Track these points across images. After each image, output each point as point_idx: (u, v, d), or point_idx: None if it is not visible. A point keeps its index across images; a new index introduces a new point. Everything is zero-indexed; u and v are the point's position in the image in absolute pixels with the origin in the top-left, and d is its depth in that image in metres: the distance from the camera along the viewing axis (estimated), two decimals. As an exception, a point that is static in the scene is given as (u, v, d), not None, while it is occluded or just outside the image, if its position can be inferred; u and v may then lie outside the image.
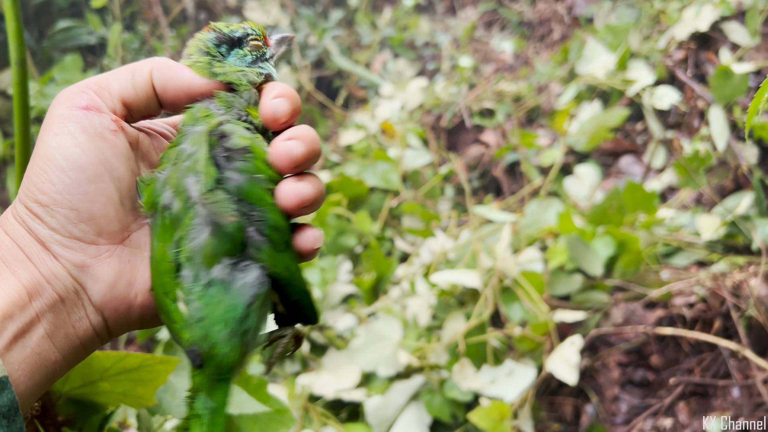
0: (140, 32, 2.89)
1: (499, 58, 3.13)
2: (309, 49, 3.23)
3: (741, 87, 1.98)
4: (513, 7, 3.44)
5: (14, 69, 0.76)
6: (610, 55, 2.57)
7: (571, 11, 3.12)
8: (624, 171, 2.37)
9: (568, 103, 2.51)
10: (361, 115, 2.80)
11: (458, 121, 2.66)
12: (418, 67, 3.32)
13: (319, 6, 3.65)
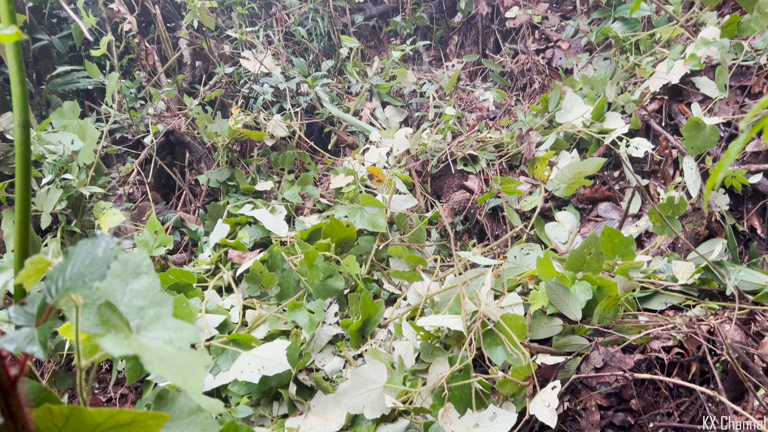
0: (138, 79, 2.98)
1: (482, 106, 3.25)
2: (301, 96, 3.33)
3: (712, 138, 2.08)
4: (495, 58, 3.59)
5: (17, 130, 0.82)
6: (588, 106, 2.68)
7: (551, 63, 3.26)
8: (602, 216, 2.46)
9: (547, 151, 2.61)
10: (350, 160, 2.88)
11: (443, 167, 2.74)
12: (406, 115, 3.43)
13: (310, 54, 3.78)
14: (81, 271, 0.61)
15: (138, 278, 0.80)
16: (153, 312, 0.68)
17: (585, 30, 3.21)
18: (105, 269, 0.61)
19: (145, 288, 0.78)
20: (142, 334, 0.63)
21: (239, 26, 3.39)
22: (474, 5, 3.82)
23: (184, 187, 2.79)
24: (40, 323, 0.59)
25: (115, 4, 2.73)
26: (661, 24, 2.84)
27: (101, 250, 0.64)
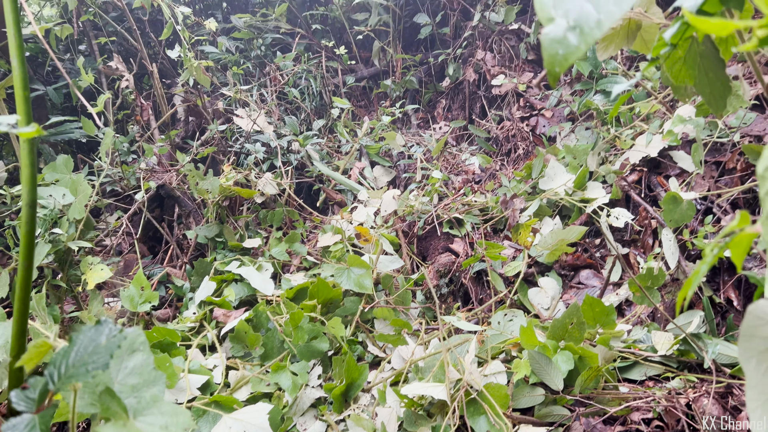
0: (131, 133, 3.03)
1: (468, 169, 3.33)
2: (292, 154, 3.40)
3: (689, 213, 2.16)
4: (481, 123, 3.70)
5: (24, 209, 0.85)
6: (570, 174, 2.77)
7: (535, 130, 3.37)
8: (584, 284, 2.51)
9: (531, 217, 2.68)
10: (338, 218, 2.93)
11: (430, 229, 2.80)
12: (394, 175, 3.51)
13: (302, 113, 3.87)
14: (84, 359, 0.64)
15: (132, 355, 0.82)
16: (149, 394, 0.70)
17: (568, 100, 3.34)
18: (108, 358, 0.64)
19: (139, 365, 0.80)
20: (139, 419, 0.65)
21: (233, 85, 3.48)
22: (462, 71, 3.96)
23: (171, 242, 2.81)
24: (42, 409, 0.61)
25: (114, 62, 2.80)
26: (640, 98, 2.98)
27: (104, 337, 0.67)
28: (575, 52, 0.57)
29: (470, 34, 3.87)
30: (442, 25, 4.18)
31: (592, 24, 0.56)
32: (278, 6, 4.04)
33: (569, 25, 0.57)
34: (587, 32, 0.56)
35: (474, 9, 3.93)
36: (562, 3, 0.59)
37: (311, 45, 4.47)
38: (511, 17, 3.57)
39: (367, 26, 4.17)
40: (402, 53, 4.28)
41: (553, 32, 0.58)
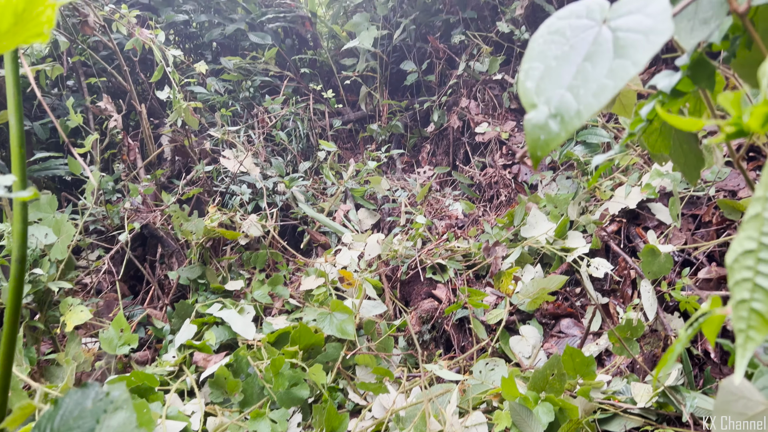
0: (117, 172, 3.04)
1: (451, 214, 3.38)
2: (277, 195, 3.42)
3: (666, 265, 2.21)
4: (465, 169, 3.77)
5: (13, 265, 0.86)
6: (551, 223, 2.82)
7: (517, 178, 3.44)
8: (564, 332, 2.53)
9: (512, 264, 2.72)
10: (321, 261, 2.93)
11: (413, 273, 2.81)
12: (378, 218, 3.54)
13: (289, 155, 3.91)
14: (69, 423, 0.64)
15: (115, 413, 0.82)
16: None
17: (549, 149, 3.42)
18: (94, 423, 0.64)
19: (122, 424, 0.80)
20: (121, 485, 0.65)
21: (221, 125, 3.52)
22: (446, 118, 4.05)
23: (153, 282, 2.79)
24: (26, 476, 0.61)
25: (104, 102, 2.83)
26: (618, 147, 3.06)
27: (90, 401, 0.67)
28: (556, 138, 0.60)
29: (455, 82, 3.97)
30: (428, 73, 4.28)
31: (572, 113, 0.59)
32: (268, 50, 4.12)
33: (551, 113, 0.60)
34: (567, 121, 0.59)
35: (459, 58, 4.04)
36: (544, 91, 0.62)
37: (299, 88, 4.55)
38: (495, 68, 3.67)
39: (355, 72, 4.26)
40: (388, 99, 4.36)
41: (535, 118, 0.61)
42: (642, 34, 0.58)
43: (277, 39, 4.54)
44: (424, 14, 4.32)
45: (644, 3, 0.61)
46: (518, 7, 3.59)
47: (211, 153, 3.52)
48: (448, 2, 4.15)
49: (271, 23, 4.49)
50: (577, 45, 0.64)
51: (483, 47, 3.73)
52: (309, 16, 4.56)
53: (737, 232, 0.49)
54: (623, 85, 0.56)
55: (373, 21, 4.21)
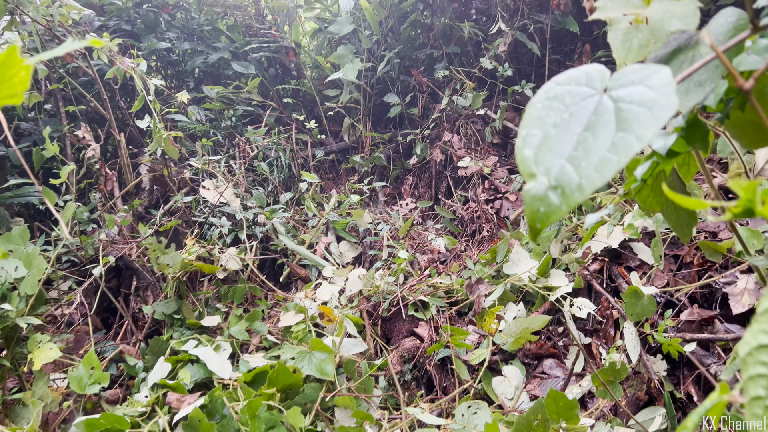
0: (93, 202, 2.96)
1: (433, 248, 3.35)
2: (257, 226, 3.37)
3: (650, 308, 2.20)
4: (447, 203, 3.76)
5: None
6: (534, 261, 2.81)
7: (499, 213, 3.43)
8: (547, 373, 2.50)
9: (495, 302, 2.69)
10: (301, 296, 2.88)
11: (395, 310, 2.77)
12: (359, 251, 3.50)
13: (270, 185, 3.87)
14: None
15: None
16: None
17: (531, 185, 3.43)
18: None
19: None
20: None
21: (202, 155, 3.47)
22: (429, 151, 4.05)
23: (126, 317, 2.71)
24: None
25: (81, 131, 2.77)
26: (601, 189, 3.08)
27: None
28: (557, 212, 0.58)
29: (438, 116, 3.99)
30: (411, 106, 4.30)
31: (573, 187, 0.57)
32: (251, 80, 4.11)
33: (550, 184, 0.58)
34: (568, 194, 0.57)
35: (442, 92, 4.07)
36: (543, 160, 0.60)
37: (282, 117, 4.53)
38: (478, 103, 3.70)
39: (338, 103, 4.26)
40: (371, 131, 4.36)
41: (534, 189, 0.59)
42: (646, 108, 0.56)
43: (260, 68, 4.53)
44: (408, 48, 4.35)
45: (646, 74, 0.60)
46: (501, 44, 3.64)
47: (191, 183, 3.46)
48: (432, 37, 4.19)
49: (254, 53, 4.49)
50: (577, 113, 0.62)
51: (466, 82, 3.76)
52: (293, 46, 4.56)
53: (750, 324, 0.47)
54: (627, 160, 0.54)
55: (357, 53, 4.23)
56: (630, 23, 0.84)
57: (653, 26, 0.83)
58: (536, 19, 3.69)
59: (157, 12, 4.37)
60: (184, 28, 4.47)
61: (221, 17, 4.70)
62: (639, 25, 0.83)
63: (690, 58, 0.82)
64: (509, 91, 3.70)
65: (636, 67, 0.61)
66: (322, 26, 4.85)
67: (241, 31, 4.68)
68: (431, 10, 4.26)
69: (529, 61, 4.10)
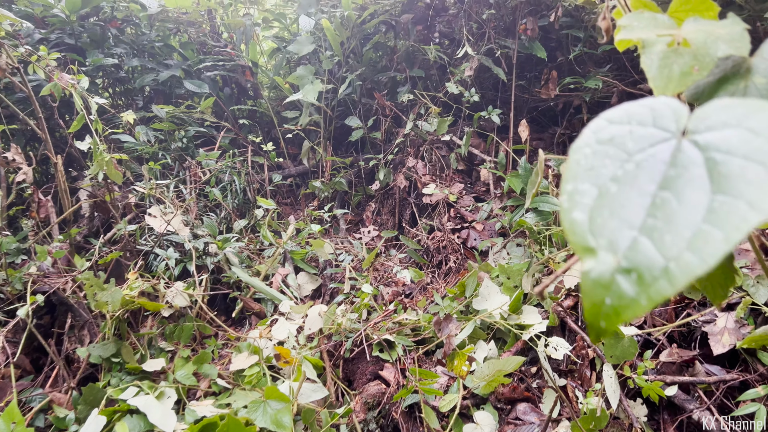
0: (24, 231, 2.67)
1: (398, 280, 3.17)
2: (208, 257, 3.13)
3: (631, 350, 2.07)
4: (411, 232, 3.60)
5: None
6: (505, 295, 2.67)
7: (466, 243, 3.29)
8: (521, 419, 2.33)
9: (466, 341, 2.53)
10: (255, 334, 2.65)
11: (358, 350, 2.57)
12: (319, 283, 3.29)
13: (222, 211, 3.63)
14: None
15: None
16: None
17: (498, 214, 3.31)
18: None
19: None
20: None
21: (149, 179, 3.21)
22: (392, 177, 3.90)
23: (58, 361, 2.42)
24: None
25: (11, 152, 2.50)
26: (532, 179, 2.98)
27: None
28: (631, 306, 0.41)
29: (402, 141, 3.85)
30: (373, 130, 4.15)
31: (657, 272, 0.40)
32: (205, 99, 3.88)
33: (620, 266, 0.41)
34: (650, 282, 0.40)
35: (406, 117, 3.93)
36: (604, 229, 0.43)
37: (237, 139, 4.31)
38: (444, 129, 3.57)
39: (298, 125, 4.07)
40: (332, 155, 4.18)
41: (595, 271, 0.42)
42: (756, 163, 0.40)
43: (214, 87, 4.30)
44: (371, 70, 4.21)
45: (743, 112, 0.44)
46: (467, 69, 3.53)
47: (136, 209, 3.20)
48: (396, 59, 4.06)
49: (209, 71, 4.26)
50: (646, 164, 0.45)
51: (431, 107, 3.63)
52: (250, 65, 4.36)
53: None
54: (739, 238, 0.38)
55: (318, 74, 4.06)
56: (667, 46, 0.69)
57: (696, 50, 0.68)
58: (502, 44, 3.60)
59: (104, 26, 4.11)
60: (134, 44, 4.22)
61: (174, 33, 4.46)
62: (679, 49, 0.68)
63: (742, 89, 0.68)
64: (475, 117, 3.59)
65: (723, 104, 0.45)
66: (280, 45, 4.67)
67: (194, 48, 4.46)
68: (394, 32, 4.14)
69: (494, 85, 4.01)
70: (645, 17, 0.77)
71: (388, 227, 3.86)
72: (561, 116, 3.87)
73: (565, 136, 3.84)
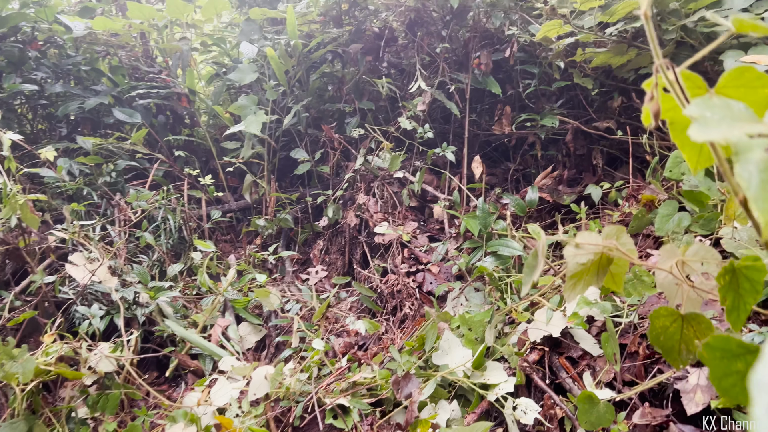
0: None
1: (350, 330, 2.95)
2: (139, 307, 2.81)
3: (607, 416, 1.93)
4: (363, 274, 3.39)
5: None
6: (466, 348, 2.50)
7: (422, 287, 3.11)
8: (491, 491, 2.15)
9: (427, 401, 2.33)
10: (193, 401, 2.36)
11: (310, 417, 2.33)
12: (264, 333, 3.02)
13: (154, 253, 3.31)
14: None
15: None
16: None
17: (455, 256, 3.15)
18: None
19: None
20: None
21: (71, 222, 2.87)
22: (342, 214, 3.69)
23: (-46, 446, 2.06)
24: None
25: None
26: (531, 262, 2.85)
27: None
28: None
29: (352, 176, 3.65)
30: (321, 163, 3.93)
31: None
32: (137, 131, 3.57)
33: None
34: None
35: (356, 150, 3.74)
36: None
37: (172, 172, 3.99)
38: (396, 165, 3.40)
39: (239, 158, 3.81)
40: (277, 189, 3.94)
41: None
42: None
43: (147, 115, 3.99)
44: (318, 100, 4.01)
45: None
46: (420, 103, 3.38)
47: (56, 256, 2.85)
48: (344, 90, 3.88)
49: (142, 99, 3.95)
50: None
51: (384, 142, 3.46)
52: (186, 93, 4.07)
53: None
54: None
55: (261, 104, 3.82)
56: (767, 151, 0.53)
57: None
58: (456, 78, 3.48)
59: (24, 48, 3.74)
60: (57, 68, 3.86)
61: (103, 57, 4.12)
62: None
63: None
64: (429, 154, 3.44)
65: None
66: (219, 71, 4.40)
67: (126, 73, 4.13)
68: (342, 62, 3.97)
69: (446, 118, 3.89)
70: (717, 105, 0.60)
71: (338, 267, 3.64)
72: (514, 152, 3.78)
73: (519, 172, 3.74)
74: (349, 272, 3.60)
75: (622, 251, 0.99)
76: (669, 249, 1.03)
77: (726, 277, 0.86)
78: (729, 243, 2.29)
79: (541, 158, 3.58)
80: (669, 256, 1.02)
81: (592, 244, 1.00)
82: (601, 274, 1.04)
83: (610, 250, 1.01)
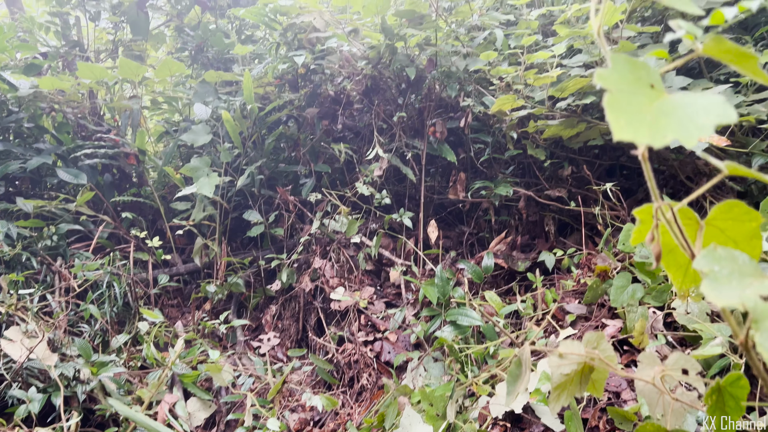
0: None
1: (306, 405, 2.84)
2: (79, 384, 2.63)
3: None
4: (318, 342, 3.30)
5: None
6: (427, 425, 2.43)
7: (380, 356, 3.05)
8: None
9: (389, 484, 2.24)
10: (137, 491, 2.19)
11: (263, 505, 2.20)
12: (214, 409, 2.87)
13: (96, 323, 3.13)
14: None
15: None
16: None
17: (413, 324, 3.11)
18: None
19: None
20: None
21: (8, 293, 2.69)
22: (296, 278, 3.61)
23: None
24: None
25: None
26: (489, 332, 2.85)
27: None
28: None
29: (308, 239, 3.59)
30: (275, 225, 3.87)
31: None
32: (81, 194, 3.42)
33: None
34: None
35: (311, 213, 3.70)
36: None
37: (118, 233, 3.84)
38: (353, 230, 3.38)
39: (190, 220, 3.70)
40: (228, 252, 3.83)
41: None
42: None
43: (93, 175, 3.84)
44: (272, 162, 3.97)
45: None
46: (377, 169, 3.40)
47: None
48: (300, 152, 3.86)
49: (89, 159, 3.81)
50: None
51: (341, 207, 3.44)
52: (136, 152, 3.96)
53: None
54: None
55: (214, 165, 3.75)
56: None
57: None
58: (412, 145, 3.53)
59: (-39, 103, 3.57)
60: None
61: (47, 113, 3.98)
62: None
63: None
64: (386, 219, 3.43)
65: None
66: (170, 129, 4.32)
67: (72, 130, 3.99)
68: (298, 125, 3.96)
69: (400, 180, 3.91)
70: (723, 258, 0.60)
71: (291, 334, 3.53)
72: (468, 216, 3.83)
73: (473, 236, 3.78)
74: (303, 339, 3.51)
75: (605, 362, 0.99)
76: (648, 356, 1.03)
77: (713, 397, 0.86)
78: (682, 316, 2.35)
79: (494, 223, 3.64)
80: (649, 364, 1.02)
81: (576, 354, 0.99)
82: (583, 383, 1.03)
83: (593, 360, 1.00)
